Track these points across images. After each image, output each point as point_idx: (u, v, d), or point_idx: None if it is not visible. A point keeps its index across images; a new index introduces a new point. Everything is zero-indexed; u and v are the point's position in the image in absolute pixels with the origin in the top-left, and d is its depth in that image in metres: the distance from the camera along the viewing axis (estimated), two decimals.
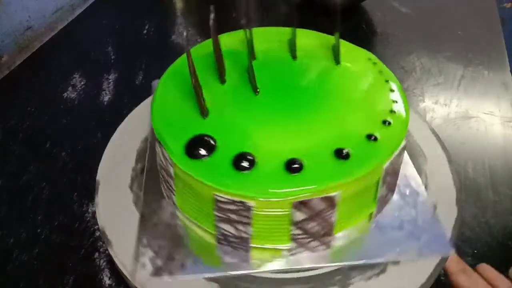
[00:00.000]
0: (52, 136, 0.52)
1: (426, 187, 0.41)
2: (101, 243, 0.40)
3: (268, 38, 0.42)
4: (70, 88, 0.58)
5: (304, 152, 0.32)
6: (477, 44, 0.68)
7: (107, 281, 0.38)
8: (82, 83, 0.59)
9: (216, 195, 0.31)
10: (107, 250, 0.36)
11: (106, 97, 0.57)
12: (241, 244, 0.34)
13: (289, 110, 0.36)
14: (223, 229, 0.34)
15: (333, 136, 0.34)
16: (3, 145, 0.50)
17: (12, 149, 0.50)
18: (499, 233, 0.42)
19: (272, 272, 0.35)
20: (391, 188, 0.37)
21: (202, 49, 0.40)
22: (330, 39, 0.41)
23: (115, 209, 0.38)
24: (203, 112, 0.35)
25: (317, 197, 0.31)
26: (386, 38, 0.67)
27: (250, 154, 0.32)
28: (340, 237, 0.35)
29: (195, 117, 0.35)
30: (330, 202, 0.31)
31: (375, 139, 0.33)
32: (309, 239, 0.34)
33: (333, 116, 0.36)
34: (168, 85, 0.38)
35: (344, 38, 0.45)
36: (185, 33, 0.68)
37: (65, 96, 0.57)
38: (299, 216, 0.31)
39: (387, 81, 0.39)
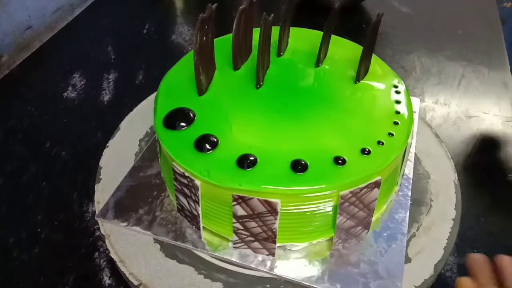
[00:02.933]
0: (52, 136, 0.52)
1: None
2: (101, 243, 0.40)
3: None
4: (70, 88, 0.58)
5: (261, 151, 0.32)
6: (477, 44, 0.68)
7: (107, 281, 0.38)
8: (82, 83, 0.59)
9: (174, 165, 0.33)
10: (107, 250, 0.36)
11: (106, 97, 0.57)
12: (193, 220, 0.36)
13: (274, 107, 0.37)
14: (180, 200, 0.35)
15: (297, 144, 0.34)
16: (3, 145, 0.50)
17: (12, 149, 0.50)
18: (499, 233, 0.42)
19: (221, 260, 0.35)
20: (358, 222, 0.35)
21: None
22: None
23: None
24: (200, 90, 0.37)
25: (258, 198, 0.30)
26: (386, 38, 0.67)
27: (214, 136, 0.33)
28: (287, 247, 0.35)
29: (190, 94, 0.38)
30: (271, 207, 0.31)
31: (344, 162, 0.32)
32: (250, 238, 0.34)
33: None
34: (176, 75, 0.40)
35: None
36: None
37: (65, 96, 0.57)
38: (240, 211, 0.32)
39: (395, 86, 0.39)
